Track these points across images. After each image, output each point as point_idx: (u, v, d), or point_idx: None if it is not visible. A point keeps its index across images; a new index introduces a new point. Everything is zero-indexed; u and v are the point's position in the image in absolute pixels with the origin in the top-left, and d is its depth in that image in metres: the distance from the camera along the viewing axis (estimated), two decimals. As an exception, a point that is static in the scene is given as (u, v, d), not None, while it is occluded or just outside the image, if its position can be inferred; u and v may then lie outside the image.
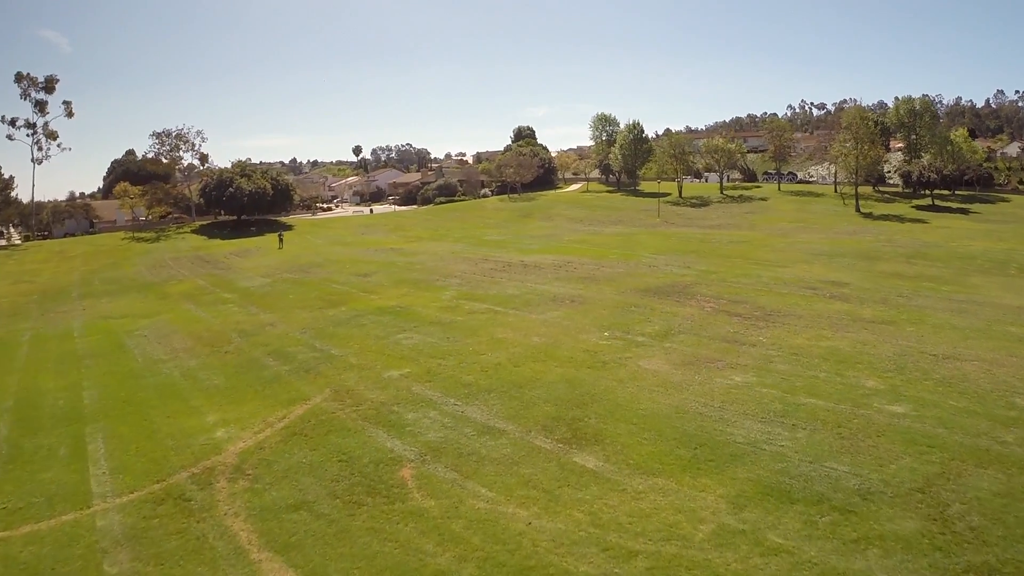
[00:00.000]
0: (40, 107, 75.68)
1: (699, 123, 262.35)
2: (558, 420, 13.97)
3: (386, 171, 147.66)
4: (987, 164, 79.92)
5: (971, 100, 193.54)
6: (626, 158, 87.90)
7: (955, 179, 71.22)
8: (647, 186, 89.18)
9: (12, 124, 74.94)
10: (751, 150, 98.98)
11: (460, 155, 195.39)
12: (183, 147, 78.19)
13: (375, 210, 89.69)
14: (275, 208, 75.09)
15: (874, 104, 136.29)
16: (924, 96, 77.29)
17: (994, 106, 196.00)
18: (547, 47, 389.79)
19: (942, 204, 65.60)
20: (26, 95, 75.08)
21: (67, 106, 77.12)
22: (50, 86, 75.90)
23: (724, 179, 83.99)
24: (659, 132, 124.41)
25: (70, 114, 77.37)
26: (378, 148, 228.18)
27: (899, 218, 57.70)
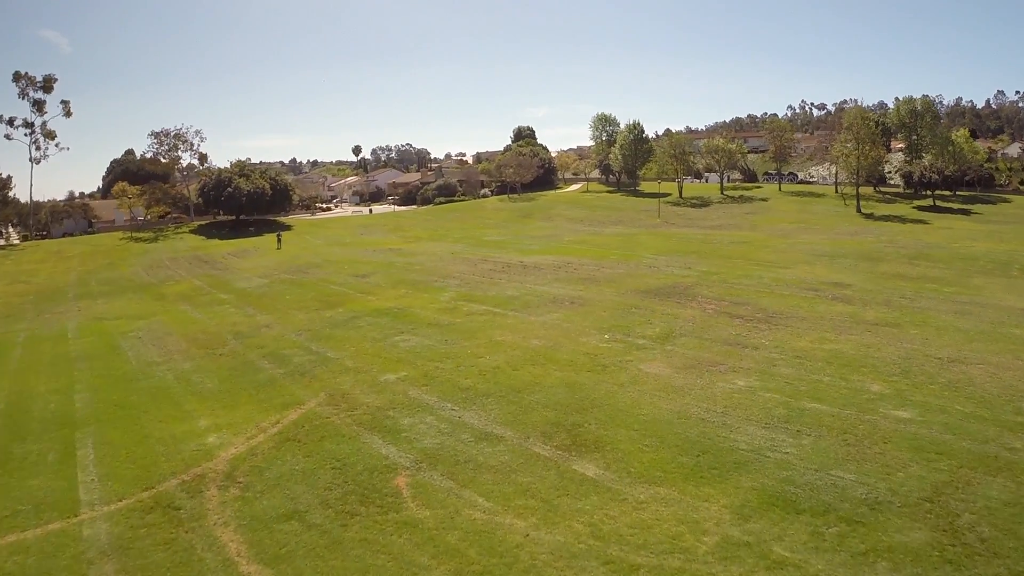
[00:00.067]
0: (38, 106, 75.41)
1: (699, 123, 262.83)
2: (557, 426, 13.67)
3: (386, 171, 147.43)
4: (988, 165, 79.63)
5: (971, 100, 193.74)
6: (626, 158, 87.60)
7: (956, 180, 70.94)
8: (647, 186, 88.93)
9: (10, 124, 74.67)
10: (751, 150, 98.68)
11: (460, 155, 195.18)
12: (182, 147, 78.05)
13: (374, 210, 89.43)
14: (274, 208, 74.83)
15: (874, 104, 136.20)
16: (925, 96, 77.17)
17: (994, 106, 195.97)
18: (547, 47, 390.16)
19: (943, 205, 65.33)
20: (24, 94, 74.80)
21: (65, 105, 76.88)
22: (48, 85, 75.58)
23: (724, 179, 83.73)
24: (659, 132, 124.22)
25: (68, 113, 77.12)
26: (378, 148, 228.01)
27: (900, 219, 57.40)
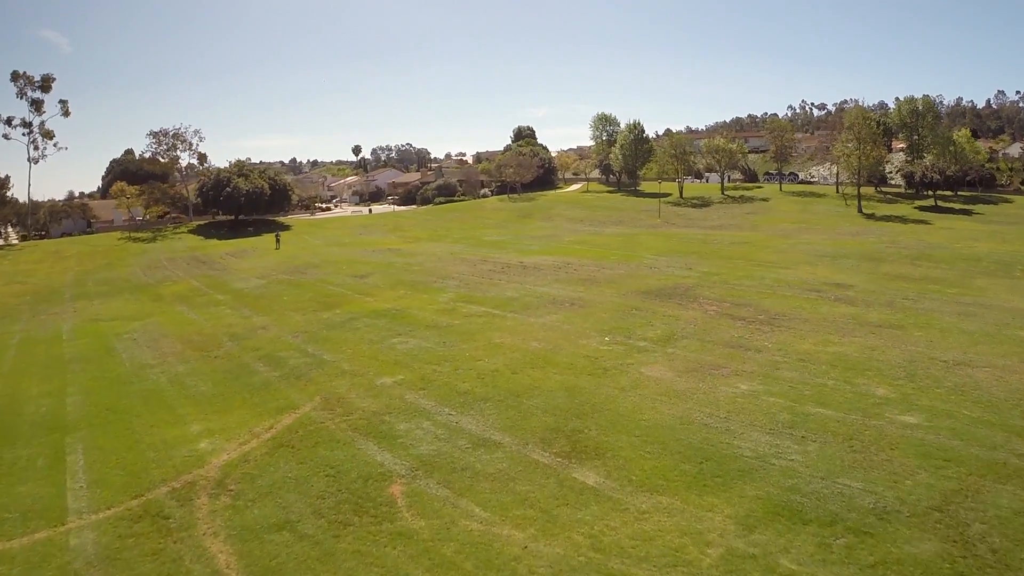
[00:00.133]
0: (36, 106, 75.05)
1: (699, 123, 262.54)
2: (557, 432, 13.37)
3: (385, 171, 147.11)
4: (989, 165, 79.30)
5: (972, 100, 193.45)
6: (626, 158, 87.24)
7: (957, 180, 70.59)
8: (648, 186, 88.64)
9: (8, 123, 74.34)
10: (752, 150, 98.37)
11: (460, 155, 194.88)
12: (180, 146, 77.68)
13: (374, 210, 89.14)
14: (273, 208, 74.53)
15: (875, 104, 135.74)
16: (926, 96, 76.83)
17: (995, 106, 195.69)
18: (547, 47, 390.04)
19: (944, 205, 64.99)
20: (22, 94, 74.46)
21: (63, 105, 76.54)
22: (46, 85, 75.24)
23: (725, 179, 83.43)
24: (659, 132, 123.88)
25: (66, 113, 76.78)
26: (378, 148, 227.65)
27: (902, 219, 57.07)
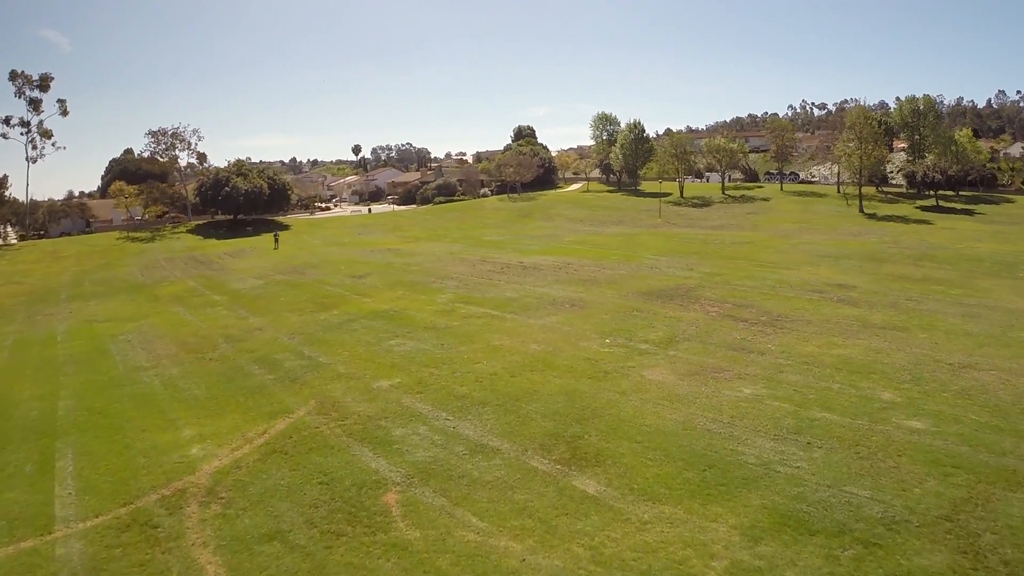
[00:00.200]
0: (34, 105, 74.81)
1: (699, 123, 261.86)
2: (557, 438, 13.06)
3: (385, 170, 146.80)
4: (990, 165, 78.95)
5: (972, 100, 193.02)
6: (627, 157, 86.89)
7: (959, 180, 70.25)
8: (648, 186, 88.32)
9: (6, 123, 74.09)
10: (753, 150, 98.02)
11: (460, 155, 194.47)
12: (179, 146, 77.37)
13: (374, 210, 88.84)
14: (272, 208, 74.22)
15: (875, 104, 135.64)
16: (927, 96, 76.51)
17: (995, 106, 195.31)
18: (547, 47, 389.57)
19: (946, 205, 64.64)
20: (20, 93, 74.21)
21: (62, 104, 76.28)
22: (44, 84, 74.97)
23: (726, 179, 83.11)
24: (659, 132, 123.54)
25: (64, 112, 76.50)
26: (378, 147, 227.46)
27: (903, 219, 56.75)
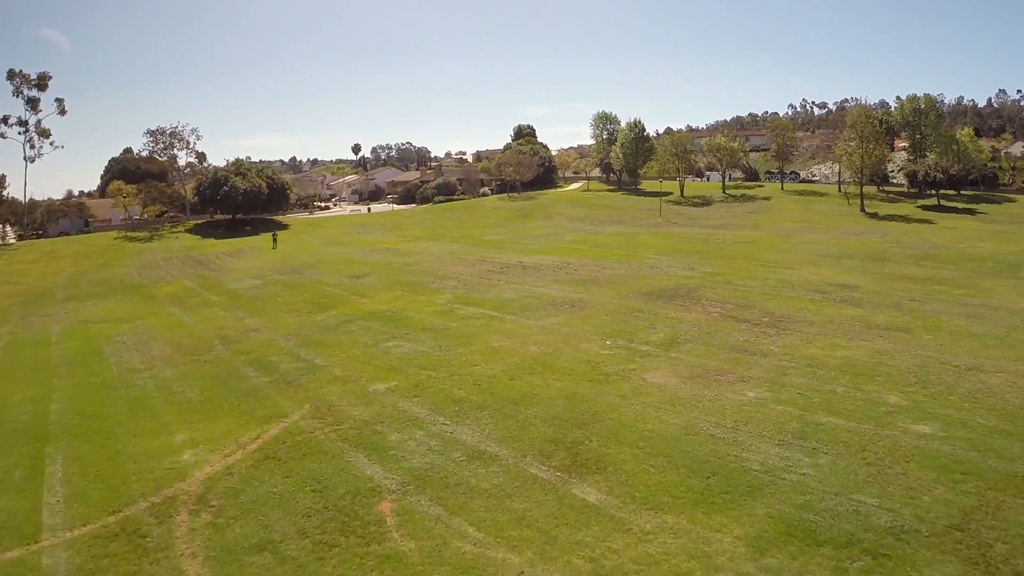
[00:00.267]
0: (32, 104, 74.52)
1: (700, 122, 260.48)
2: (556, 443, 12.76)
3: (385, 169, 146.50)
4: (992, 164, 78.64)
5: (972, 99, 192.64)
6: (627, 156, 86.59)
7: (960, 179, 69.98)
8: (648, 185, 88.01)
9: (4, 122, 73.83)
10: (753, 149, 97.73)
11: (460, 154, 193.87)
12: (178, 145, 77.07)
13: (373, 209, 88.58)
14: (271, 207, 73.92)
15: (876, 103, 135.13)
16: (927, 95, 76.20)
17: (996, 105, 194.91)
18: (547, 46, 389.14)
19: (948, 204, 64.33)
20: (18, 92, 73.92)
21: (60, 103, 76.08)
22: (42, 83, 74.68)
23: (726, 178, 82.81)
24: (659, 131, 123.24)
25: (62, 111, 76.24)
26: (378, 146, 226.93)
27: (905, 218, 56.45)
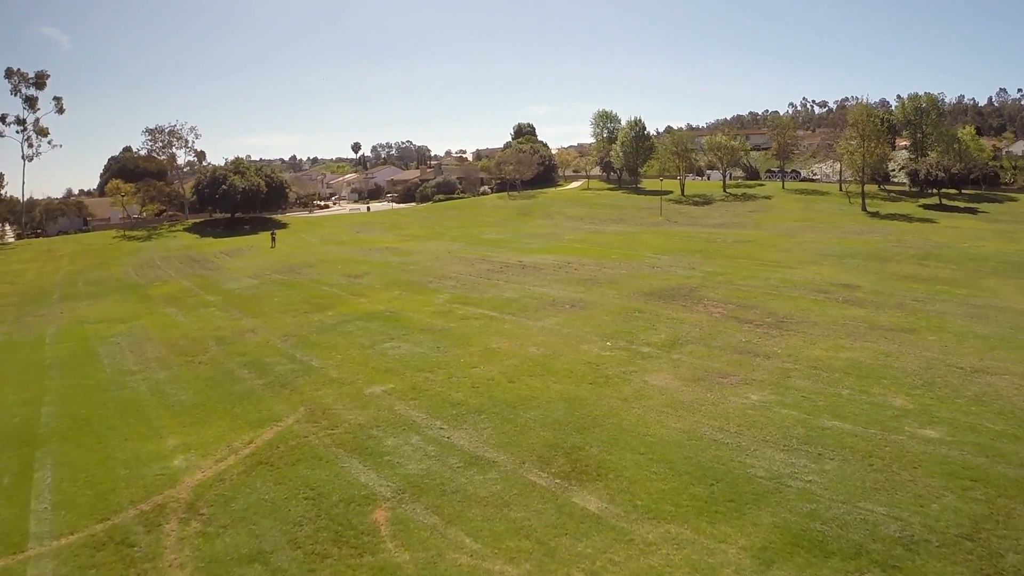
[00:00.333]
0: (30, 103, 74.10)
1: (700, 121, 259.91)
2: (556, 449, 12.46)
3: (385, 168, 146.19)
4: (993, 163, 78.32)
5: (973, 98, 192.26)
6: (627, 155, 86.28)
7: (962, 178, 69.68)
8: (649, 184, 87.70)
9: (2, 121, 73.42)
10: (754, 148, 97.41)
11: (460, 152, 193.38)
12: (176, 144, 76.76)
13: (373, 208, 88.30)
14: (270, 206, 73.61)
15: (876, 102, 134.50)
16: (929, 93, 75.86)
17: (996, 104, 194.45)
18: (548, 46, 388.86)
19: (949, 203, 64.00)
20: (16, 91, 73.53)
21: (58, 102, 75.72)
22: (41, 82, 74.30)
23: (727, 177, 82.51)
24: (660, 130, 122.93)
25: (61, 110, 75.95)
26: (378, 145, 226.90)
27: (907, 217, 56.14)
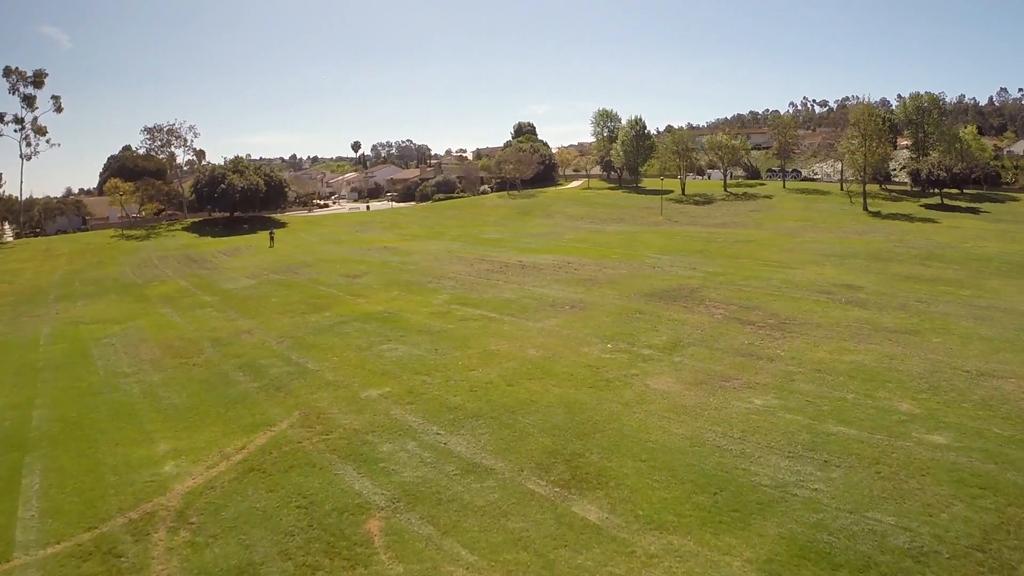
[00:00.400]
0: (28, 102, 73.76)
1: (701, 120, 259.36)
2: (555, 455, 12.17)
3: (385, 167, 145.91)
4: (995, 163, 78.03)
5: (974, 98, 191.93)
6: (628, 154, 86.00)
7: (963, 177, 69.41)
8: (649, 183, 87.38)
9: (0, 119, 73.14)
10: (754, 147, 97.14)
11: (460, 151, 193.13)
12: (175, 143, 76.49)
13: (372, 207, 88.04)
14: (269, 205, 73.30)
15: (877, 101, 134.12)
16: (930, 93, 75.52)
17: (997, 104, 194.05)
18: (548, 45, 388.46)
19: (951, 203, 63.71)
20: (15, 90, 73.19)
21: (56, 101, 75.37)
22: (39, 81, 73.99)
23: (728, 176, 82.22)
24: (660, 129, 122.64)
25: (59, 109, 75.61)
26: (378, 144, 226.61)
27: (908, 217, 55.85)
